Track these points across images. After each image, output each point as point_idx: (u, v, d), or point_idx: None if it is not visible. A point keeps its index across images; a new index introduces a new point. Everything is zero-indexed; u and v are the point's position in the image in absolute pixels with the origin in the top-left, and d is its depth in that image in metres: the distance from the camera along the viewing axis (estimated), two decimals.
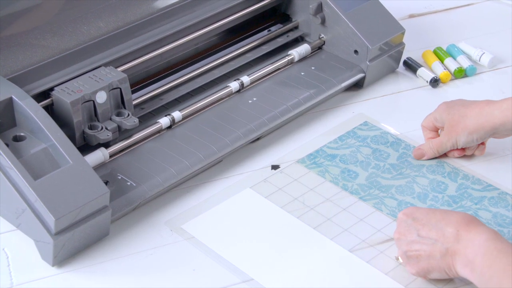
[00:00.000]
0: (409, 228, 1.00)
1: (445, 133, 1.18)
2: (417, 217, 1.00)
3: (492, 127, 1.14)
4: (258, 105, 1.25)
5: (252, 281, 1.02)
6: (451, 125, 1.17)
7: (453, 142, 1.18)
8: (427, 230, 0.99)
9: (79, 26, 1.21)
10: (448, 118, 1.17)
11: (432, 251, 0.98)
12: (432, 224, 0.99)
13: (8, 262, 1.04)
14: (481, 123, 1.14)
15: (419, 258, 0.99)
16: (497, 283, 0.92)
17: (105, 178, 1.10)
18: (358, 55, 1.34)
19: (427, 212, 1.00)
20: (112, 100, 1.15)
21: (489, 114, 1.14)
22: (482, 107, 1.15)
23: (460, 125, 1.16)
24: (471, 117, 1.15)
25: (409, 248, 1.00)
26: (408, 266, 1.01)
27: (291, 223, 1.10)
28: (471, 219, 0.97)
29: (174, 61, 1.32)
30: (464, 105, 1.17)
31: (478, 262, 0.94)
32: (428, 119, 1.21)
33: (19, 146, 1.06)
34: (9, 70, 1.13)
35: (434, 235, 0.98)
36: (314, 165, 1.19)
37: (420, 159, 1.20)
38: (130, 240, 1.07)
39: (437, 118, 1.19)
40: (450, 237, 0.97)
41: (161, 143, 1.18)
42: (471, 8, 1.59)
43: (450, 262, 0.97)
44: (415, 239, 0.99)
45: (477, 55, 1.43)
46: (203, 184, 1.17)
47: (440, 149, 1.19)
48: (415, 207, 1.02)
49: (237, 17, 1.36)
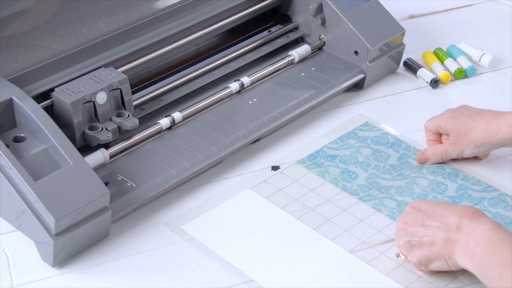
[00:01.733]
0: (415, 218, 1.02)
1: (451, 143, 1.18)
2: (424, 209, 1.02)
3: (499, 141, 1.14)
4: (258, 105, 1.25)
5: (252, 282, 1.02)
6: (457, 137, 1.17)
7: (458, 153, 1.18)
8: (432, 220, 1.00)
9: (79, 27, 1.21)
10: (453, 129, 1.17)
11: (434, 238, 0.99)
12: (437, 214, 1.00)
13: (8, 263, 1.04)
14: (488, 138, 1.14)
15: (422, 246, 1.00)
16: (497, 272, 0.93)
17: (105, 179, 1.10)
18: (358, 55, 1.34)
19: (433, 204, 1.02)
20: (112, 101, 1.15)
21: (496, 129, 1.13)
22: (488, 121, 1.14)
23: (466, 138, 1.16)
24: (478, 130, 1.15)
25: (412, 237, 1.01)
26: (410, 254, 1.02)
27: (291, 224, 1.10)
28: (475, 211, 0.99)
29: (174, 62, 1.32)
30: (470, 117, 1.16)
31: (479, 250, 0.95)
32: (432, 123, 1.20)
33: (19, 147, 1.06)
34: (9, 71, 1.13)
35: (438, 224, 0.99)
36: (314, 166, 1.19)
37: (422, 164, 1.20)
38: (130, 241, 1.07)
39: (441, 126, 1.19)
40: (452, 225, 0.98)
41: (161, 144, 1.18)
42: (471, 9, 1.59)
43: (451, 250, 0.98)
44: (419, 228, 1.01)
45: (477, 56, 1.43)
46: (203, 185, 1.17)
47: (445, 157, 1.19)
48: (423, 200, 1.04)
49: (237, 17, 1.36)
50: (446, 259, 0.99)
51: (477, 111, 1.17)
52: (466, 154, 1.17)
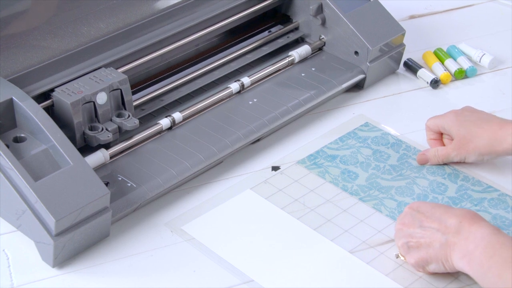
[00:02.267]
0: (413, 219, 1.01)
1: (454, 147, 1.17)
2: (422, 210, 1.02)
3: (505, 151, 1.13)
4: (259, 106, 1.25)
5: (253, 282, 1.02)
6: (461, 143, 1.16)
7: (461, 158, 1.17)
8: (430, 222, 1.00)
9: (79, 27, 1.21)
10: (458, 134, 1.16)
11: (432, 240, 0.99)
12: (436, 216, 1.00)
13: (9, 263, 1.04)
14: (494, 147, 1.14)
15: (419, 248, 1.00)
16: (496, 274, 0.93)
17: (106, 179, 1.10)
18: (358, 56, 1.34)
19: (432, 206, 1.02)
20: (113, 101, 1.16)
21: (502, 139, 1.13)
22: (495, 130, 1.13)
23: (471, 145, 1.15)
24: (483, 139, 1.14)
25: (410, 238, 1.01)
26: (408, 256, 1.02)
27: (291, 224, 1.10)
28: (475, 215, 0.99)
29: (175, 62, 1.32)
30: (476, 124, 1.15)
31: (477, 253, 0.94)
32: (434, 122, 1.20)
33: (20, 147, 1.06)
34: (10, 71, 1.13)
35: (436, 226, 0.99)
36: (314, 166, 1.19)
37: (423, 164, 1.20)
38: (130, 241, 1.07)
39: (445, 128, 1.18)
40: (451, 228, 0.98)
41: (161, 144, 1.18)
42: (472, 9, 1.59)
43: (448, 253, 0.98)
44: (417, 229, 1.00)
45: (477, 56, 1.43)
46: (203, 185, 1.17)
47: (446, 160, 1.18)
48: (422, 201, 1.04)
49: (237, 18, 1.36)
50: (443, 261, 0.99)
51: (483, 117, 1.16)
52: (469, 160, 1.17)
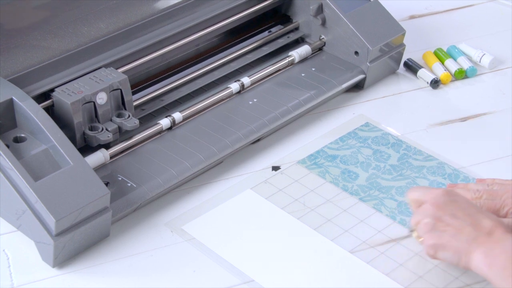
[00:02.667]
0: (446, 205, 0.99)
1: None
2: (459, 201, 1.00)
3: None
4: (259, 106, 1.25)
5: (253, 282, 1.02)
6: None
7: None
8: (464, 215, 0.98)
9: (79, 27, 1.21)
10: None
11: (460, 232, 0.97)
12: (470, 211, 0.98)
13: (9, 263, 1.04)
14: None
15: (443, 233, 0.98)
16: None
17: (106, 179, 1.10)
18: (358, 56, 1.34)
19: (467, 202, 1.01)
20: (113, 101, 1.15)
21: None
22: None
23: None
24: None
25: (438, 221, 0.99)
26: (428, 235, 0.99)
27: (291, 224, 1.10)
28: (508, 226, 0.98)
29: (175, 62, 1.32)
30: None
31: (503, 258, 0.93)
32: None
33: (20, 147, 1.06)
34: (10, 71, 1.13)
35: (470, 220, 0.98)
36: (315, 166, 1.19)
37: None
38: (130, 241, 1.07)
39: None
40: (485, 228, 0.96)
41: (161, 144, 1.18)
42: (472, 9, 1.59)
43: (472, 249, 0.96)
44: (448, 216, 0.98)
45: (477, 56, 1.43)
46: (203, 185, 1.17)
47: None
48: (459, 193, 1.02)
49: (237, 18, 1.36)
50: (462, 255, 0.97)
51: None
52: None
